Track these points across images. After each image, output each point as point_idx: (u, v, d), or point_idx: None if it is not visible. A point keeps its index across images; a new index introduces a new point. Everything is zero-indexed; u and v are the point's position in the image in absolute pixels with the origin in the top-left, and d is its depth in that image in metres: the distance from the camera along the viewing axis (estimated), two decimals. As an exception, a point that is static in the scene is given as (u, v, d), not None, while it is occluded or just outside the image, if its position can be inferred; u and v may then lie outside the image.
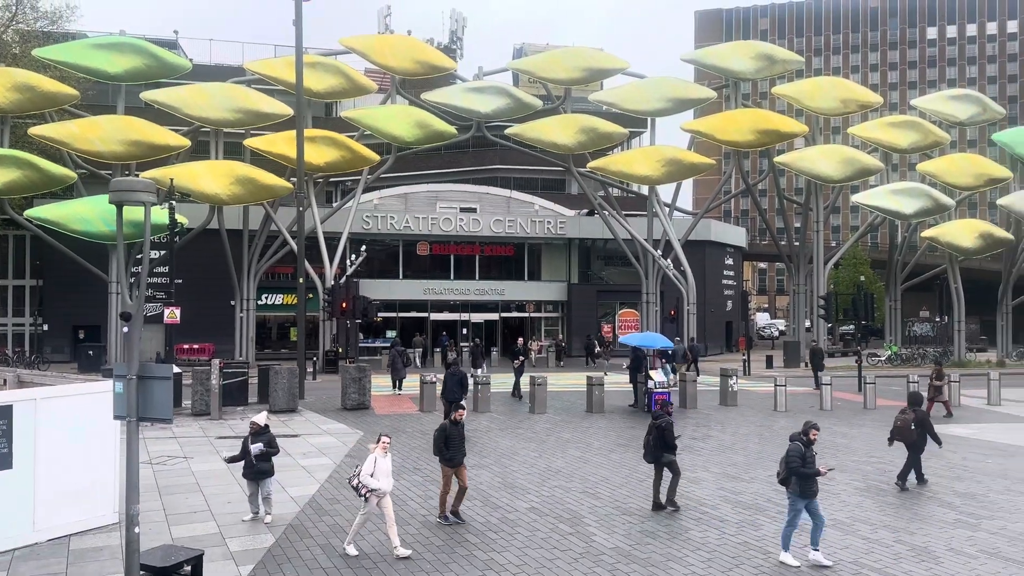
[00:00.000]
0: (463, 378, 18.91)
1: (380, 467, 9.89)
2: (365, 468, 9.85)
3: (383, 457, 9.99)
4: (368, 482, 9.78)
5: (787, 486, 9.91)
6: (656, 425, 12.21)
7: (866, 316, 31.03)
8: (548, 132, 36.88)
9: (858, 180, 40.64)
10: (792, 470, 9.72)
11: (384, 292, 41.66)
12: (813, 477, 9.68)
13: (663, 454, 12.13)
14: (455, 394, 18.16)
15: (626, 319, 45.44)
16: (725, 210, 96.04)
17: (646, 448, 12.40)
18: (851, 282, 54.00)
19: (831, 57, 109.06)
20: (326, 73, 35.83)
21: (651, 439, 12.26)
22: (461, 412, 11.41)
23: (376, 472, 9.83)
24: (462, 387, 18.73)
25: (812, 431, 10.02)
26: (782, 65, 40.33)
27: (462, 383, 18.77)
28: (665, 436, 12.10)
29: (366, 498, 9.86)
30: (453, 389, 18.49)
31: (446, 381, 18.96)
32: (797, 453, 9.78)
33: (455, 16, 63.55)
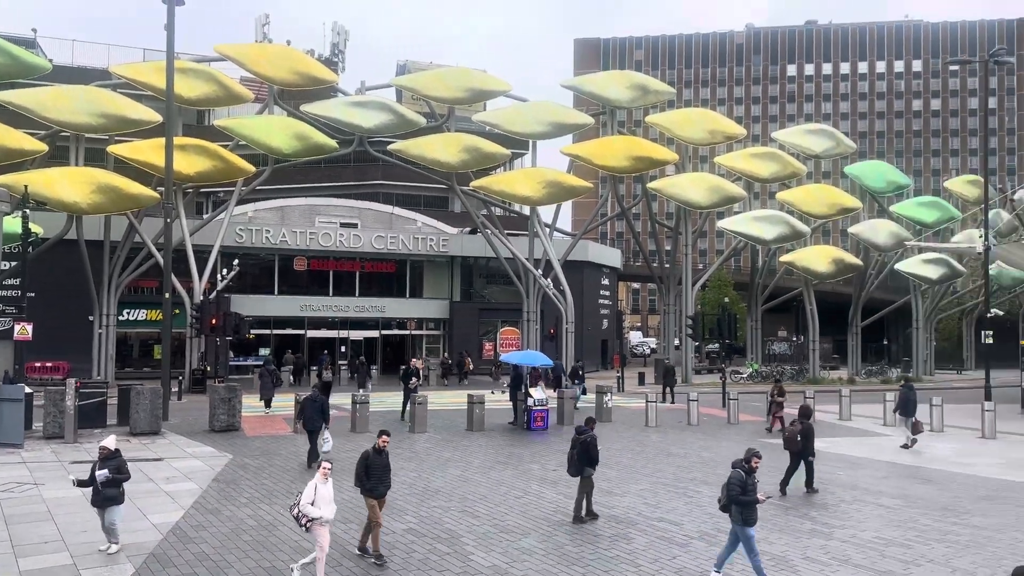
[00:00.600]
0: (324, 404, 16.80)
1: (321, 494, 9.37)
2: (305, 496, 9.33)
3: (324, 483, 9.44)
4: (309, 511, 9.27)
5: (728, 513, 9.77)
6: (581, 440, 12.48)
7: (729, 335, 32.65)
8: (432, 149, 36.92)
9: (723, 207, 42.90)
10: (732, 498, 9.57)
11: (258, 308, 40.29)
12: (754, 505, 9.58)
13: (585, 468, 12.46)
14: (314, 422, 16.54)
15: (507, 337, 45.89)
16: (602, 232, 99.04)
17: (570, 462, 12.67)
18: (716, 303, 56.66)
19: (700, 89, 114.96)
20: (199, 80, 34.48)
21: (575, 453, 12.52)
22: (385, 439, 10.84)
23: (317, 500, 9.32)
24: (322, 414, 16.66)
25: (754, 459, 9.90)
26: (655, 95, 42.14)
27: (323, 410, 16.69)
28: (590, 451, 12.41)
29: (307, 528, 9.35)
30: (312, 416, 16.63)
31: (304, 407, 17.10)
32: (738, 481, 9.61)
33: (337, 29, 62.63)
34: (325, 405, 16.79)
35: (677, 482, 15.85)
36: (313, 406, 16.69)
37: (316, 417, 16.55)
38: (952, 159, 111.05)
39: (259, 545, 11.09)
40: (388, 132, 37.58)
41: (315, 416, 16.56)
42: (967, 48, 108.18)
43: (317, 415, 16.58)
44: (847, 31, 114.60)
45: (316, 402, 16.73)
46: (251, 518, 12.54)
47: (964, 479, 16.59)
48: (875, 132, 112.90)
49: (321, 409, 16.64)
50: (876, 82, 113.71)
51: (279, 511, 12.96)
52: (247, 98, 37.03)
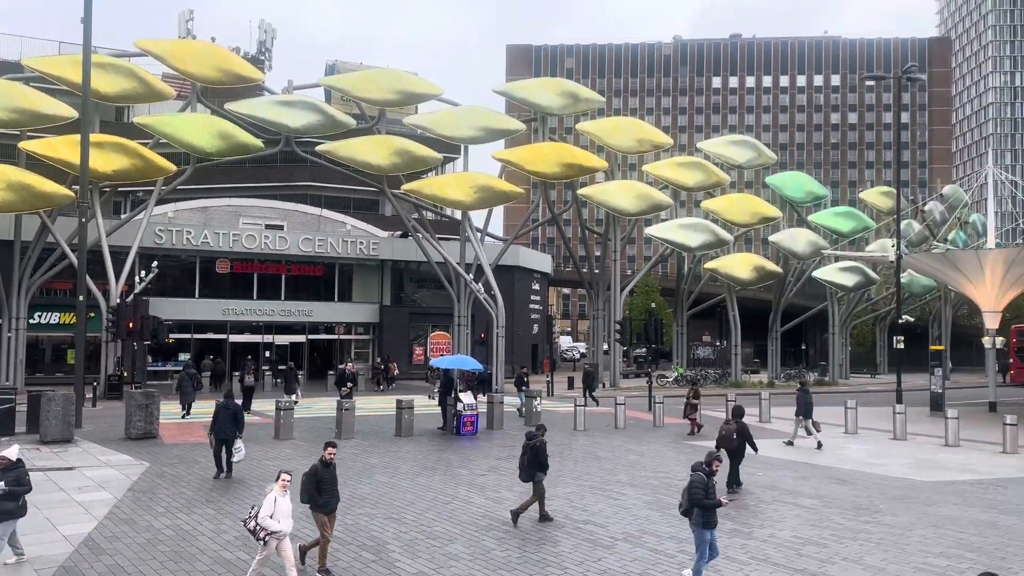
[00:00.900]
0: (238, 412, 15.95)
1: (280, 507, 9.11)
2: (264, 509, 9.04)
3: (283, 496, 9.19)
4: (268, 524, 8.98)
5: (689, 518, 9.77)
6: (531, 445, 12.70)
7: (656, 340, 33.27)
8: (362, 152, 36.43)
9: (651, 214, 43.68)
10: (696, 501, 9.56)
11: (178, 312, 39.09)
12: (715, 508, 9.62)
13: (537, 473, 12.68)
14: (227, 431, 15.60)
15: (438, 342, 45.67)
16: (533, 237, 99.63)
17: (521, 468, 12.88)
18: (643, 308, 57.74)
19: (629, 98, 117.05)
20: (118, 75, 33.25)
21: (526, 459, 12.73)
22: (331, 451, 10.40)
23: (276, 513, 9.05)
24: (236, 422, 15.75)
25: (715, 462, 9.95)
26: (585, 103, 42.62)
27: (236, 418, 15.79)
28: (539, 456, 12.63)
29: (264, 541, 9.09)
30: (225, 426, 15.64)
31: (217, 415, 15.83)
32: (701, 484, 9.60)
33: (264, 27, 61.48)
34: (239, 413, 15.99)
35: (604, 485, 16.03)
36: (226, 413, 15.74)
37: (229, 425, 15.65)
38: (867, 171, 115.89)
39: (177, 556, 10.74)
40: (316, 133, 36.93)
41: (228, 424, 15.66)
42: (882, 64, 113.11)
43: (230, 423, 15.69)
44: (770, 45, 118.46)
45: (229, 409, 15.80)
46: (169, 528, 12.14)
47: (877, 479, 17.28)
48: (795, 144, 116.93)
49: (235, 417, 15.78)
50: (796, 95, 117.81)
51: (198, 520, 12.58)
52: (169, 95, 35.86)
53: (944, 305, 56.78)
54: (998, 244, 39.65)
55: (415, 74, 41.93)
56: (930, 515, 13.85)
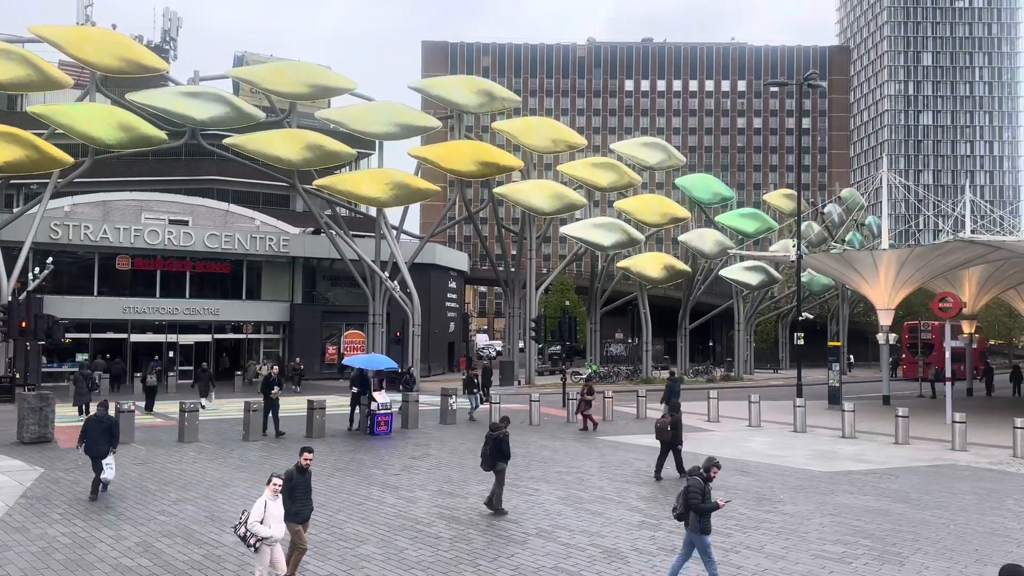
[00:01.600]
0: (112, 426, 14.29)
1: (271, 512, 8.76)
2: (254, 514, 8.68)
3: (273, 500, 8.85)
4: (258, 530, 8.62)
5: (684, 522, 9.59)
6: (493, 437, 13.24)
7: (570, 337, 33.74)
8: (272, 145, 35.50)
9: (566, 213, 44.25)
10: (693, 506, 9.39)
11: (75, 310, 37.29)
12: (712, 512, 9.46)
13: (499, 463, 13.22)
14: (99, 447, 13.89)
15: (352, 340, 45.02)
16: (449, 235, 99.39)
17: (483, 458, 13.41)
18: (558, 306, 58.50)
19: (544, 98, 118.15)
20: (10, 62, 31.38)
21: (488, 449, 13.24)
22: (308, 456, 9.92)
23: (267, 518, 8.69)
24: (110, 437, 14.12)
25: (714, 469, 9.75)
26: (501, 102, 42.79)
27: (111, 432, 14.17)
28: (502, 447, 13.20)
29: (256, 548, 8.72)
30: (97, 442, 13.91)
31: (88, 430, 14.08)
32: (698, 489, 9.44)
33: (168, 15, 59.19)
34: (114, 427, 14.38)
35: (517, 481, 16.15)
36: (98, 427, 14.05)
37: (101, 441, 13.96)
38: (771, 174, 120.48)
39: (74, 564, 10.26)
40: (224, 125, 35.73)
41: (100, 440, 13.95)
42: (785, 71, 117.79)
43: (103, 438, 13.98)
44: (680, 50, 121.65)
45: (102, 422, 14.13)
46: (65, 535, 11.58)
47: (778, 470, 18.00)
48: (703, 147, 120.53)
49: (109, 431, 14.14)
50: (705, 100, 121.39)
51: (96, 527, 12.04)
52: (66, 83, 34.01)
53: (842, 303, 59.65)
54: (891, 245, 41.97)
55: (328, 68, 41.16)
56: (828, 504, 14.52)
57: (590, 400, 24.17)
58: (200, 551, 10.98)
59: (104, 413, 14.36)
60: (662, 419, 16.69)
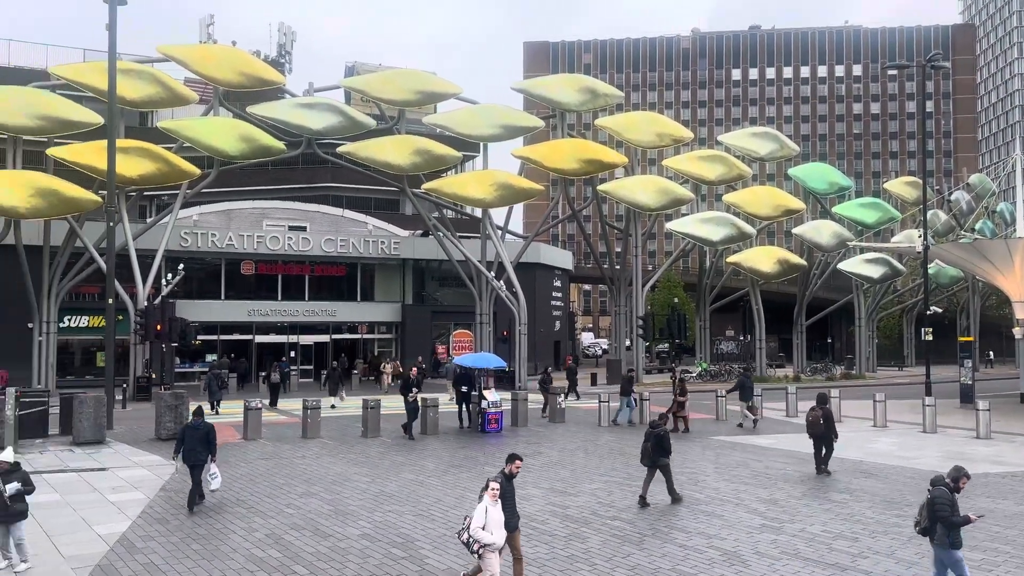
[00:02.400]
0: (209, 432, 13.51)
1: (493, 518, 8.58)
2: (476, 520, 8.53)
3: (494, 506, 8.64)
4: (481, 536, 8.47)
5: (929, 537, 8.84)
6: (655, 433, 13.81)
7: (679, 335, 33.16)
8: (382, 152, 36.61)
9: (672, 209, 43.51)
10: (943, 519, 8.58)
11: (204, 314, 39.52)
12: (963, 526, 8.66)
13: (660, 458, 13.76)
14: (197, 455, 13.35)
15: (460, 339, 45.80)
16: (553, 234, 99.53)
17: (644, 453, 13.92)
18: (666, 303, 57.48)
19: (648, 92, 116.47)
20: (142, 81, 33.66)
21: (650, 445, 13.76)
22: (518, 464, 9.51)
23: (488, 523, 8.53)
24: (208, 445, 13.43)
25: (963, 479, 8.97)
26: (604, 99, 42.48)
27: (208, 439, 13.45)
28: (663, 443, 13.73)
29: (479, 554, 8.57)
30: (195, 449, 13.36)
31: (184, 436, 13.62)
32: (946, 500, 8.62)
33: (284, 29, 61.84)
34: (211, 434, 13.59)
35: (631, 481, 16.00)
36: (195, 435, 13.47)
37: (199, 448, 13.40)
38: (891, 161, 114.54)
39: (209, 554, 10.88)
40: (337, 134, 37.14)
41: (198, 447, 13.41)
42: (905, 53, 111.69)
43: (201, 446, 13.41)
44: (790, 36, 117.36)
45: (199, 429, 13.53)
46: (201, 527, 12.30)
47: (907, 473, 17.10)
48: (817, 135, 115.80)
49: (206, 438, 13.48)
50: (818, 86, 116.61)
51: (229, 519, 12.73)
52: (191, 99, 36.25)
53: (972, 295, 56.04)
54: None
55: (434, 74, 42.09)
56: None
57: (683, 401, 23.52)
58: (326, 543, 11.43)
59: (201, 420, 13.78)
60: (813, 412, 16.65)
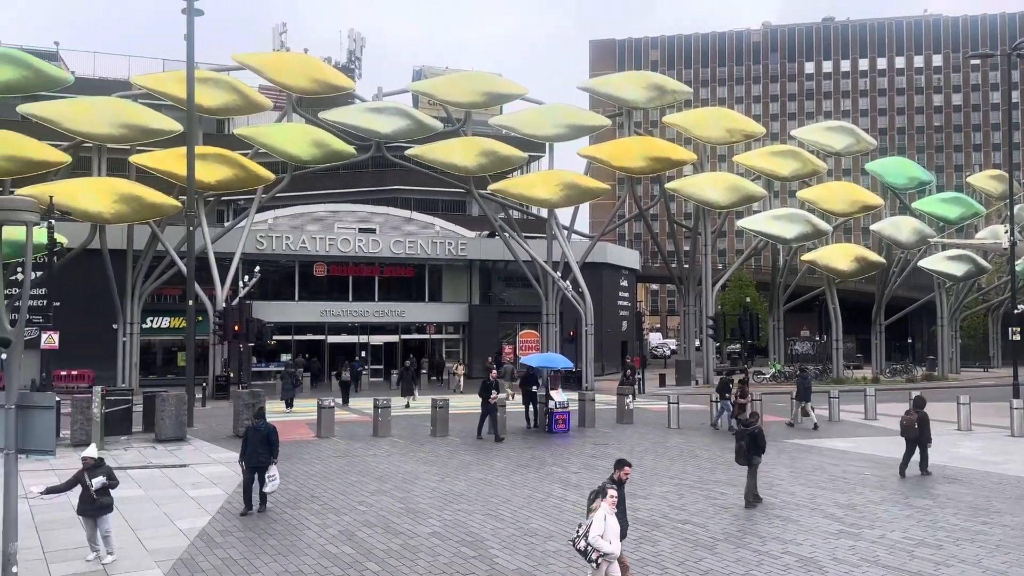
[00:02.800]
0: (271, 434, 13.47)
1: (611, 526, 8.29)
2: (595, 528, 8.17)
3: (611, 514, 8.35)
4: (600, 545, 8.11)
5: None
6: (749, 432, 13.76)
7: (752, 335, 32.45)
8: (449, 154, 37.01)
9: (743, 206, 42.65)
10: None
11: (279, 314, 40.57)
12: None
13: (754, 457, 13.66)
14: (259, 457, 13.22)
15: (527, 340, 45.88)
16: (620, 233, 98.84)
17: (739, 452, 13.85)
18: (737, 303, 56.31)
19: (717, 88, 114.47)
20: (218, 89, 34.81)
21: (744, 444, 13.71)
22: (627, 470, 9.26)
23: (607, 532, 8.21)
24: (269, 446, 13.37)
25: None
26: (672, 95, 41.97)
27: (269, 441, 13.37)
28: (758, 440, 13.67)
29: (597, 563, 8.23)
30: (256, 451, 13.24)
31: (247, 439, 13.49)
32: None
33: (353, 36, 63.03)
34: (273, 435, 13.52)
35: (702, 484, 15.76)
36: (256, 436, 13.38)
37: (262, 450, 13.30)
38: (975, 154, 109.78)
39: (285, 550, 11.16)
40: (405, 137, 37.71)
41: (259, 448, 13.30)
42: (988, 41, 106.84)
43: (263, 448, 13.32)
44: (865, 27, 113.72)
45: (260, 431, 13.44)
46: (277, 523, 12.63)
47: (994, 478, 16.36)
48: (895, 128, 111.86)
49: (267, 440, 13.40)
50: (896, 78, 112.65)
51: (304, 515, 13.03)
52: (266, 106, 37.32)
53: (1065, 293, 53.20)
54: (1126, 227, 36.84)
55: (499, 75, 42.29)
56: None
57: (743, 404, 22.94)
58: (397, 541, 11.59)
59: (262, 422, 13.72)
60: (908, 416, 16.54)
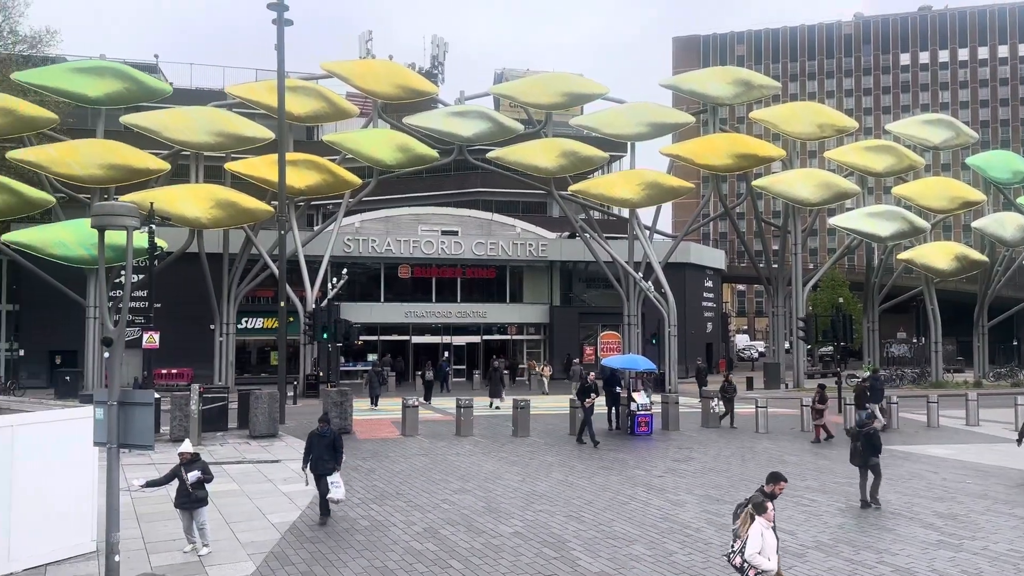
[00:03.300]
0: (335, 440, 12.87)
1: (768, 542, 7.68)
2: (752, 545, 7.60)
3: (768, 528, 7.73)
4: (759, 562, 7.57)
5: None
6: (864, 432, 13.80)
7: (845, 337, 31.30)
8: (530, 156, 37.14)
9: (835, 203, 41.18)
10: None
11: (365, 315, 41.52)
12: None
13: (871, 458, 13.64)
14: (324, 464, 12.61)
15: (608, 341, 45.55)
16: (704, 233, 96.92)
17: (854, 453, 13.88)
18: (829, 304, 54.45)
19: (807, 82, 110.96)
20: (307, 97, 35.91)
21: (859, 445, 13.73)
22: (782, 484, 8.55)
23: (765, 548, 7.63)
24: (334, 453, 12.74)
25: None
26: (759, 90, 40.93)
27: (334, 447, 12.77)
28: (874, 442, 13.67)
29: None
30: (322, 457, 12.62)
31: (312, 444, 12.82)
32: None
33: (436, 41, 64.03)
34: (338, 441, 12.98)
35: (791, 490, 15.25)
36: (321, 443, 12.74)
37: (326, 455, 12.68)
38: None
39: (371, 545, 11.38)
40: (487, 140, 38.04)
41: (324, 455, 12.68)
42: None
43: (328, 454, 12.70)
44: (965, 15, 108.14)
45: (325, 437, 12.80)
46: (363, 518, 12.89)
47: (1112, 490, 15.28)
48: (998, 120, 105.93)
49: (332, 446, 12.79)
50: (998, 68, 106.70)
51: (389, 512, 13.27)
52: (353, 113, 38.32)
53: None
54: None
55: (580, 75, 42.10)
56: None
57: (821, 409, 22.06)
58: (479, 540, 11.66)
59: (327, 428, 13.06)
60: None
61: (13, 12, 38.27)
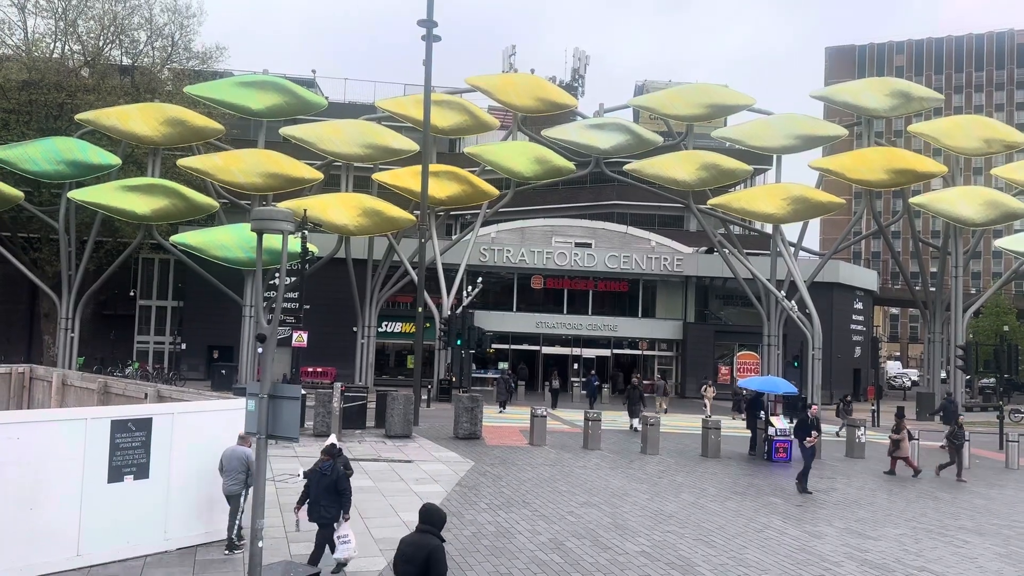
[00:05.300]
0: (339, 480, 9.86)
1: None
2: None
3: None
4: None
5: None
6: None
7: (1009, 369, 28.81)
8: (668, 168, 36.55)
9: (1002, 224, 38.03)
10: None
11: (497, 324, 42.13)
12: None
13: None
14: (321, 511, 9.82)
15: (745, 361, 44.01)
16: (855, 251, 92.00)
17: None
18: (993, 332, 50.30)
19: (973, 95, 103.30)
20: (451, 111, 36.99)
21: None
22: None
23: None
24: (337, 497, 9.88)
25: None
26: (919, 103, 38.47)
27: (336, 489, 9.86)
28: None
29: None
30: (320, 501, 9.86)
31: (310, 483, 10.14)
32: None
33: (578, 54, 64.27)
34: (342, 483, 9.91)
35: (943, 529, 14.18)
36: (321, 482, 9.87)
37: (326, 502, 9.83)
38: None
39: (498, 552, 11.49)
40: (624, 152, 37.76)
41: (324, 499, 9.84)
42: None
43: (328, 499, 9.84)
44: None
45: (326, 475, 9.88)
46: (490, 524, 13.04)
47: None
48: None
49: (334, 488, 9.85)
50: None
51: (515, 520, 13.35)
52: (494, 126, 39.11)
53: None
54: None
55: (725, 86, 41.05)
56: None
57: (897, 440, 20.23)
58: (604, 556, 11.52)
59: (330, 463, 9.96)
60: None
61: (188, 31, 41.66)
